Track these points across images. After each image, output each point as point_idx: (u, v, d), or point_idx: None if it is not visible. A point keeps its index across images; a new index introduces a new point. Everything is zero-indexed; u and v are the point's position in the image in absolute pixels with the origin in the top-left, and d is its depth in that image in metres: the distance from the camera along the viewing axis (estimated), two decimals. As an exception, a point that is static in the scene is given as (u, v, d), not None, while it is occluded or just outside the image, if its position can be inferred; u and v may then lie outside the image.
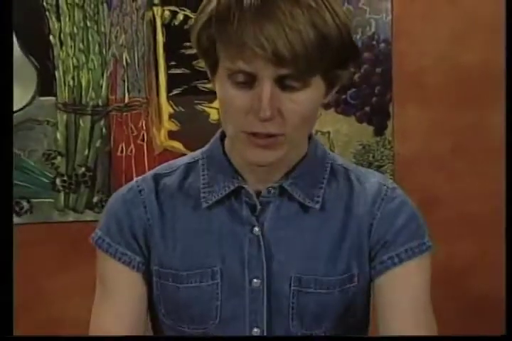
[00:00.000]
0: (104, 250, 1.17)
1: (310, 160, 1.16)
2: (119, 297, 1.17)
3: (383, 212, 1.18)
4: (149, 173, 1.21)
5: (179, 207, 1.17)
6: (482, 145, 2.33)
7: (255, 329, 1.13)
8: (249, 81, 1.02)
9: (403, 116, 2.32)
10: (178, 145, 2.31)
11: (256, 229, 1.15)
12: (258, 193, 1.15)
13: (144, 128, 2.32)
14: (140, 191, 1.18)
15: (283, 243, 1.15)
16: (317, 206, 1.15)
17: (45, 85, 2.28)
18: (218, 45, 1.04)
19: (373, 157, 2.34)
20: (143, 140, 2.32)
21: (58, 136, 2.30)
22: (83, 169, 2.33)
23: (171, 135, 2.33)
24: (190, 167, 1.20)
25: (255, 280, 1.14)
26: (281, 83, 1.02)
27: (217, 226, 1.16)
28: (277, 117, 1.03)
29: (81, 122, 2.31)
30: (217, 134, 1.19)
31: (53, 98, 2.29)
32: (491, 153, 2.31)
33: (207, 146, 1.20)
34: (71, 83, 2.29)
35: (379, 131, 2.33)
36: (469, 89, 2.32)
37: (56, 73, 2.29)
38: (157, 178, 1.19)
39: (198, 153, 1.21)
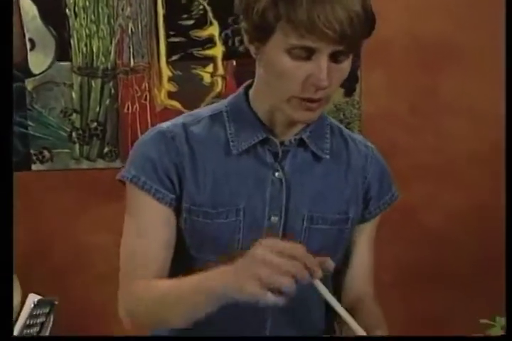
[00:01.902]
0: (139, 187, 1.16)
1: (320, 118, 1.20)
2: (154, 231, 1.17)
3: (373, 168, 1.27)
4: (176, 122, 1.21)
5: (209, 152, 1.18)
6: (436, 105, 2.38)
7: None
8: (308, 54, 1.05)
9: (369, 80, 2.36)
10: (176, 104, 2.37)
11: (278, 173, 1.19)
12: (280, 143, 1.19)
13: (147, 89, 2.38)
14: (172, 137, 1.18)
15: (299, 186, 1.19)
16: (327, 156, 1.21)
17: (62, 51, 2.35)
18: (283, 23, 1.03)
19: (344, 115, 2.37)
20: (146, 99, 2.38)
21: (73, 95, 2.38)
22: (95, 124, 2.40)
23: (170, 95, 2.39)
24: (214, 118, 1.21)
25: (273, 217, 1.18)
26: (333, 56, 1.05)
27: (244, 170, 1.18)
28: None
29: (93, 83, 2.38)
30: (241, 90, 1.22)
31: (69, 63, 2.36)
32: (443, 112, 2.37)
33: (229, 100, 1.23)
34: (84, 50, 2.36)
35: (349, 93, 2.37)
36: (426, 56, 2.36)
37: (71, 41, 2.35)
38: (185, 126, 1.20)
39: (219, 105, 1.23)
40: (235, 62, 2.35)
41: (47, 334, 1.56)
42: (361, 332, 0.99)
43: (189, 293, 1.04)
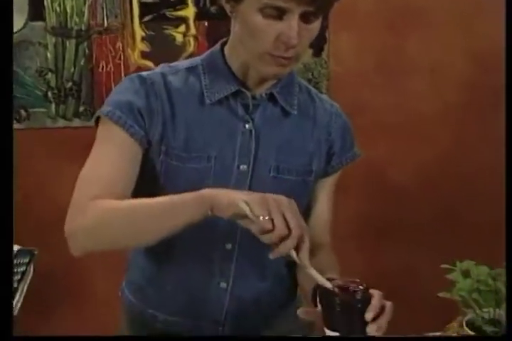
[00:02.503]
0: (114, 121, 1.18)
1: (290, 76, 1.26)
2: (120, 161, 1.18)
3: (336, 125, 1.33)
4: (154, 71, 1.24)
5: (184, 101, 1.22)
6: (401, 65, 2.42)
7: None
8: (279, 14, 1.08)
9: (337, 41, 2.38)
10: (149, 63, 2.36)
11: (248, 125, 1.24)
12: (251, 97, 1.23)
13: (121, 49, 2.37)
14: (152, 83, 1.21)
15: (267, 138, 1.25)
16: (295, 112, 1.27)
17: (36, 11, 2.30)
18: None
19: (312, 75, 2.39)
20: (120, 59, 2.37)
21: (48, 55, 2.34)
22: (70, 83, 2.37)
23: (144, 55, 2.38)
24: (190, 70, 1.25)
25: (242, 165, 1.23)
26: (303, 17, 1.09)
27: (216, 120, 1.23)
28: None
29: (67, 44, 2.35)
30: (218, 46, 1.26)
31: (43, 23, 2.31)
32: (407, 72, 2.41)
33: (206, 55, 1.27)
34: (58, 9, 2.32)
35: (317, 53, 2.39)
36: (392, 18, 2.38)
37: (45, 1, 2.30)
38: (164, 76, 1.23)
39: (195, 60, 1.27)
40: (206, 23, 2.36)
41: (27, 282, 1.58)
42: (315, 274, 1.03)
43: (179, 200, 1.06)
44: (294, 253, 0.98)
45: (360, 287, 1.03)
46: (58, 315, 2.46)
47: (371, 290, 1.03)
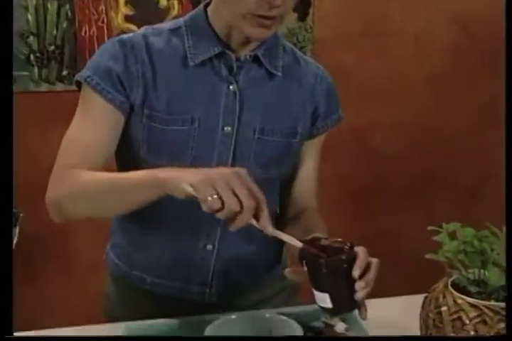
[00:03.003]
0: (92, 87, 1.18)
1: (274, 38, 1.25)
2: (99, 128, 1.18)
3: (321, 88, 1.32)
4: (137, 33, 1.23)
5: (167, 63, 1.21)
6: (385, 29, 2.40)
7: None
8: None
9: (322, 5, 2.36)
10: (133, 27, 2.32)
11: (232, 86, 1.22)
12: (235, 59, 1.22)
13: (104, 12, 2.32)
14: (132, 46, 1.20)
15: (251, 99, 1.24)
16: (279, 74, 1.26)
17: (15, -28, 2.24)
18: None
19: (297, 39, 2.37)
20: (103, 22, 2.33)
21: (29, 17, 2.28)
22: (53, 47, 2.32)
23: (127, 18, 2.34)
24: (173, 32, 1.24)
25: (227, 127, 1.22)
26: None
27: (200, 82, 1.22)
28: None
29: (49, 6, 2.29)
30: (201, 7, 1.24)
31: (23, -16, 2.25)
32: (392, 36, 2.40)
33: (189, 16, 1.25)
34: (38, -29, 2.26)
35: (302, 18, 2.37)
36: None
37: (25, -39, 2.24)
38: (146, 37, 1.22)
39: (179, 21, 1.26)
40: (190, -15, 2.31)
41: (13, 244, 1.56)
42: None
43: (137, 180, 1.07)
44: (254, 222, 0.97)
45: (345, 246, 1.03)
46: (45, 277, 2.46)
47: (356, 248, 1.03)
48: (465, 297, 0.96)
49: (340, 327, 1.19)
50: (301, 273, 1.05)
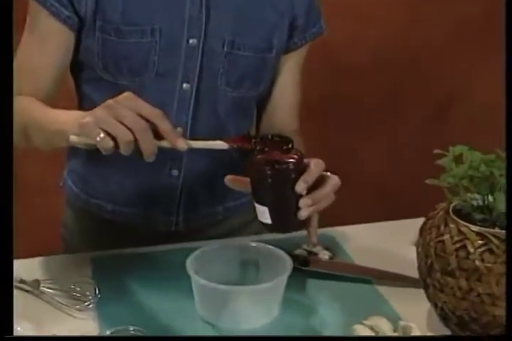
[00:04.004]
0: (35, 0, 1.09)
1: None
2: (46, 48, 1.11)
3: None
4: None
5: None
6: None
7: (185, 85, 1.14)
8: None
9: None
10: None
11: None
12: None
13: None
14: None
15: (220, 8, 1.13)
16: None
17: None
18: None
19: None
20: None
21: None
22: None
23: None
24: None
25: (192, 39, 1.12)
26: None
27: None
28: None
29: None
30: None
31: None
32: None
33: None
34: None
35: None
36: None
37: None
38: None
39: None
40: None
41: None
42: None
43: (45, 126, 0.99)
44: (161, 143, 0.86)
45: (295, 156, 0.91)
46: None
47: (310, 159, 0.92)
48: (469, 225, 0.90)
49: (323, 255, 1.13)
50: (243, 183, 0.95)
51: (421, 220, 1.19)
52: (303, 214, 0.91)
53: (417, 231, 1.21)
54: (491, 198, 0.92)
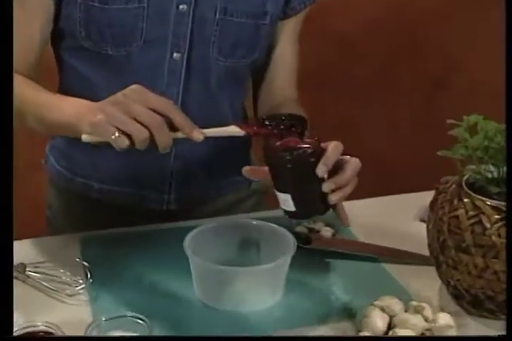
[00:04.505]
0: None
1: None
2: (26, 11, 1.04)
3: None
4: None
5: None
6: None
7: (175, 54, 1.07)
8: None
9: None
10: None
11: None
12: None
13: None
14: None
15: None
16: None
17: None
18: None
19: None
20: None
21: None
22: None
23: None
24: None
25: (182, 5, 1.05)
26: None
27: None
28: None
29: None
30: None
31: None
32: None
33: None
34: None
35: None
36: None
37: None
38: None
39: None
40: None
41: None
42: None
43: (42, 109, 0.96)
44: (177, 135, 0.84)
45: (313, 140, 0.89)
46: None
47: (326, 143, 0.89)
48: (485, 198, 0.85)
49: (325, 232, 1.08)
50: (262, 173, 0.92)
51: (423, 194, 1.14)
52: (333, 198, 0.88)
53: (419, 205, 1.17)
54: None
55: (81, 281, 0.93)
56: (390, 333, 0.84)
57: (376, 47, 2.22)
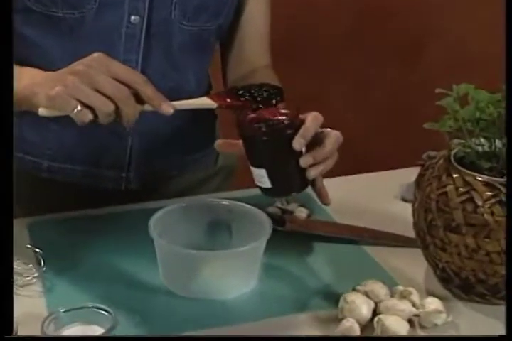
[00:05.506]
0: None
1: None
2: None
3: None
4: None
5: None
6: None
7: (134, 17, 0.99)
8: None
9: None
10: None
11: None
12: None
13: None
14: None
15: None
16: None
17: None
18: None
19: None
20: None
21: None
22: None
23: None
24: None
25: None
26: None
27: None
28: None
29: None
30: None
31: None
32: None
33: None
34: None
35: None
36: None
37: None
38: None
39: None
40: None
41: None
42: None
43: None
44: (145, 107, 0.79)
45: (290, 110, 0.85)
46: None
47: (306, 114, 0.84)
48: (476, 174, 0.80)
49: (299, 212, 1.02)
50: (235, 146, 0.87)
51: (402, 171, 1.10)
52: (311, 173, 0.84)
53: (400, 183, 1.12)
54: (498, 143, 0.82)
55: (33, 270, 0.86)
56: (376, 320, 0.79)
57: (343, 13, 2.15)
